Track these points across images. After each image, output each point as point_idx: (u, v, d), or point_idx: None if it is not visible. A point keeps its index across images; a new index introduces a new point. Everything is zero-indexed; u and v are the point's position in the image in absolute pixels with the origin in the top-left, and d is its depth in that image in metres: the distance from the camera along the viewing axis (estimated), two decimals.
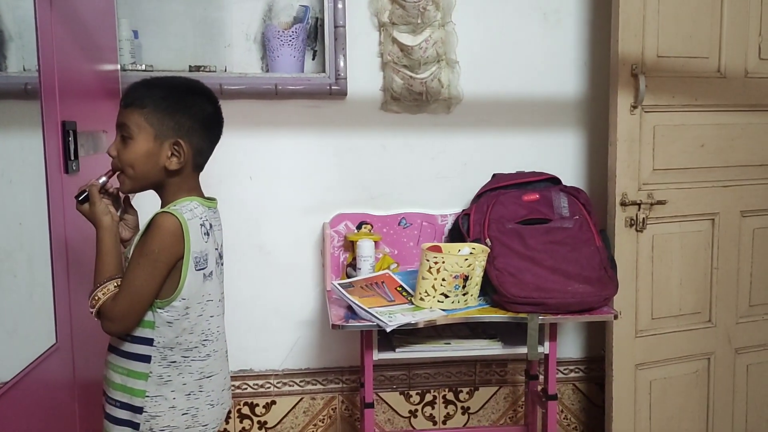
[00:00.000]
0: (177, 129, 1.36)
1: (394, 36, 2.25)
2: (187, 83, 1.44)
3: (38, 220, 1.39)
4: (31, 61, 1.41)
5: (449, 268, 1.90)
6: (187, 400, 1.39)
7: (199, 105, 1.40)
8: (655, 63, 2.17)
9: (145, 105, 1.35)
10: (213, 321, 1.43)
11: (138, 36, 2.20)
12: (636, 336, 2.24)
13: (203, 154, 1.43)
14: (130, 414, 1.37)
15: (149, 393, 1.36)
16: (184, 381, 1.38)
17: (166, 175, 1.38)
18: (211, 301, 1.42)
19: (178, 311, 1.35)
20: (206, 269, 1.38)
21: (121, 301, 1.32)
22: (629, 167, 2.17)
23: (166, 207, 1.36)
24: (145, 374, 1.36)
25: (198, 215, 1.37)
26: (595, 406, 2.55)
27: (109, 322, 1.34)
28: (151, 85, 1.40)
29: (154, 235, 1.31)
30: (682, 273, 2.27)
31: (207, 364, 1.42)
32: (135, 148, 1.35)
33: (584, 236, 2.06)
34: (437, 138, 2.37)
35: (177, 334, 1.36)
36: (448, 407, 2.51)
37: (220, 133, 1.47)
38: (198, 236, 1.35)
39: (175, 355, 1.37)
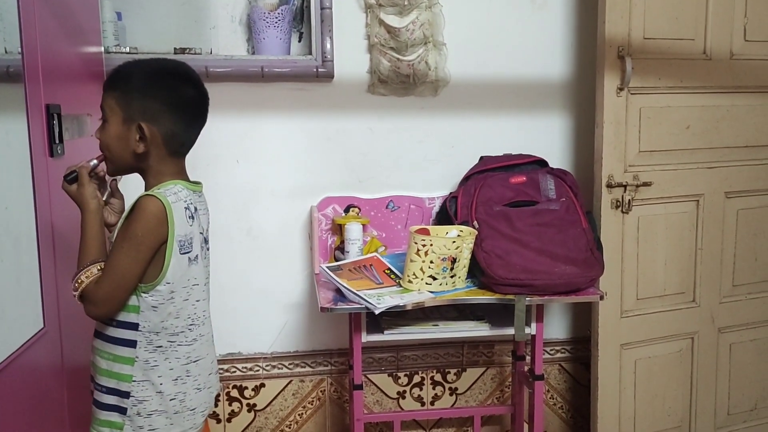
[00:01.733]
0: (143, 112, 1.33)
1: (381, 18, 2.23)
2: (165, 66, 1.41)
3: (24, 204, 1.38)
4: (13, 43, 1.39)
5: (437, 250, 1.91)
6: (174, 385, 1.39)
7: (174, 87, 1.37)
8: (642, 45, 2.17)
9: (117, 87, 1.34)
10: (199, 305, 1.42)
11: (122, 18, 2.17)
12: (621, 316, 2.26)
13: (177, 139, 1.38)
14: (118, 399, 1.37)
15: (136, 378, 1.36)
16: (171, 366, 1.38)
17: (137, 159, 1.37)
18: (197, 285, 1.41)
19: (162, 295, 1.34)
20: (191, 253, 1.38)
21: (104, 285, 1.31)
22: (615, 149, 2.18)
23: (150, 190, 1.35)
24: (131, 359, 1.35)
25: (182, 198, 1.36)
26: (581, 385, 2.58)
27: (91, 306, 1.33)
28: (127, 68, 1.38)
29: (137, 218, 1.30)
30: (667, 254, 2.30)
31: (194, 349, 1.41)
32: (108, 131, 1.35)
33: (571, 218, 2.07)
34: (424, 121, 2.37)
35: (162, 319, 1.36)
36: (436, 388, 2.53)
37: (202, 116, 1.43)
38: (182, 219, 1.34)
39: (161, 339, 1.37)
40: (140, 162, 1.37)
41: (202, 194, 1.46)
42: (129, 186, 1.54)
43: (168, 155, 1.39)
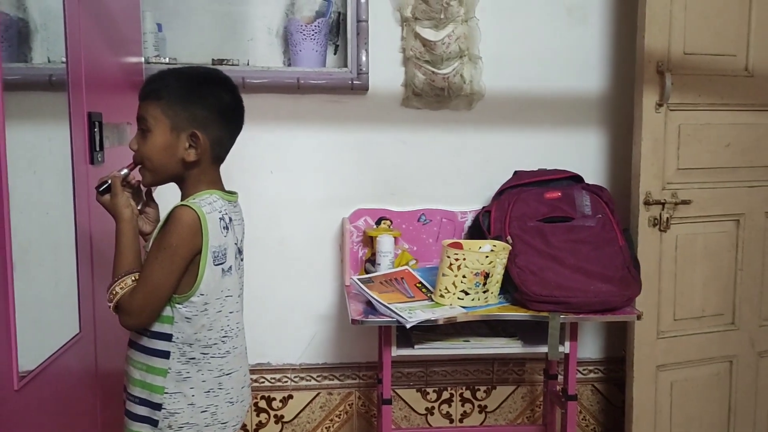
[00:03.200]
0: (192, 120, 1.33)
1: (417, 31, 2.24)
2: (203, 72, 1.42)
3: (64, 210, 1.40)
4: (56, 52, 1.42)
5: (470, 265, 1.89)
6: (206, 398, 1.37)
7: (216, 94, 1.37)
8: (682, 60, 2.14)
9: (161, 96, 1.33)
10: (232, 317, 1.41)
11: (162, 29, 2.20)
12: (658, 337, 2.21)
13: (222, 145, 1.39)
14: (149, 410, 1.36)
15: (168, 389, 1.34)
16: (204, 378, 1.36)
17: (185, 167, 1.36)
18: (230, 297, 1.39)
19: (196, 307, 1.33)
20: (225, 264, 1.36)
21: (138, 296, 1.30)
22: (653, 166, 2.15)
23: (185, 200, 1.34)
24: (164, 370, 1.34)
25: (217, 209, 1.34)
26: (615, 407, 2.53)
27: (126, 316, 1.32)
28: (167, 76, 1.38)
29: (172, 228, 1.29)
30: (705, 274, 2.24)
31: (227, 361, 1.40)
32: (153, 141, 1.33)
33: (607, 235, 2.04)
34: (458, 134, 2.36)
35: (196, 330, 1.34)
36: (465, 405, 2.50)
37: (240, 122, 1.43)
38: (217, 230, 1.33)
39: (195, 351, 1.35)
40: (185, 170, 1.36)
41: (237, 204, 1.45)
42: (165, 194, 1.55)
43: (211, 163, 1.39)
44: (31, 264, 1.24)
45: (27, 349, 1.19)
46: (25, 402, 1.19)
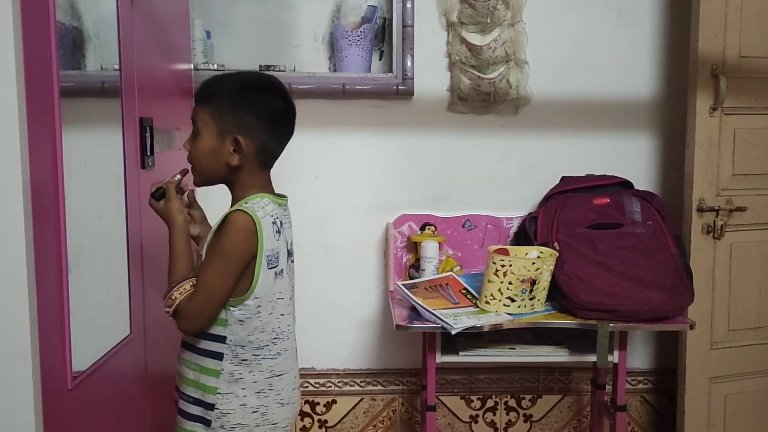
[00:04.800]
0: (238, 125, 1.34)
1: (463, 36, 2.22)
2: (256, 78, 1.43)
3: (116, 214, 1.43)
4: (108, 60, 1.45)
5: (516, 271, 1.86)
6: (257, 398, 1.38)
7: (265, 100, 1.37)
8: (737, 63, 2.08)
9: (211, 101, 1.35)
10: (284, 319, 1.42)
11: (211, 36, 2.24)
12: (711, 348, 2.15)
13: (269, 151, 1.39)
14: (202, 410, 1.37)
15: (221, 390, 1.36)
16: (255, 379, 1.38)
17: (230, 171, 1.37)
18: (282, 299, 1.41)
19: (250, 310, 1.34)
20: (277, 267, 1.37)
21: (197, 300, 1.31)
22: (707, 172, 2.09)
23: (239, 205, 1.35)
24: (216, 371, 1.36)
25: (270, 213, 1.36)
26: (665, 419, 2.46)
27: (184, 321, 1.33)
28: (219, 81, 1.39)
29: (228, 233, 1.30)
30: (762, 283, 2.17)
31: (277, 363, 1.40)
32: (201, 144, 1.35)
33: (658, 242, 1.98)
34: (504, 139, 2.33)
35: (248, 332, 1.36)
36: (509, 414, 2.47)
37: (290, 129, 1.43)
38: (270, 234, 1.34)
39: (247, 353, 1.36)
40: (231, 174, 1.38)
41: (287, 207, 1.46)
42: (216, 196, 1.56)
43: (258, 168, 1.40)
44: (84, 267, 1.27)
45: (80, 349, 1.21)
46: (78, 401, 1.22)
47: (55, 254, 1.14)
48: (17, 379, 1.05)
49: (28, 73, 1.04)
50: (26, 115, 1.04)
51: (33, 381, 1.05)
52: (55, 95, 1.14)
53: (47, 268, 1.10)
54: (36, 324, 1.06)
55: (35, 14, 1.08)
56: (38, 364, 1.06)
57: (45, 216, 1.10)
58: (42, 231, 1.08)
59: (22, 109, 1.03)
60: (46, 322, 1.09)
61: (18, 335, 1.04)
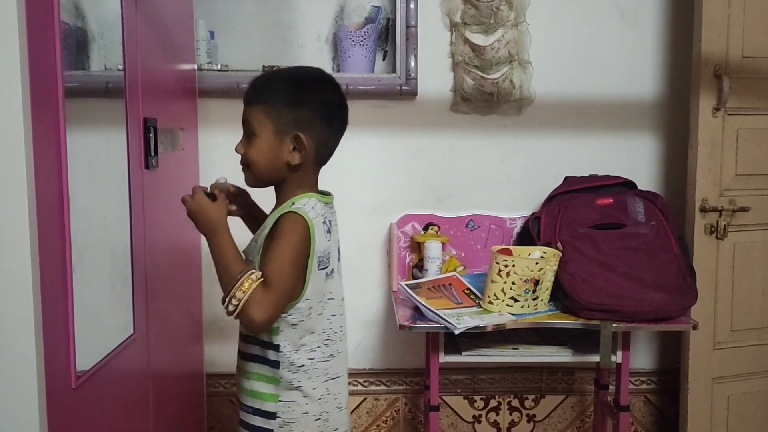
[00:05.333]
0: (296, 122, 1.30)
1: (466, 36, 2.22)
2: (306, 73, 1.39)
3: (120, 213, 1.44)
4: (112, 60, 1.45)
5: (520, 271, 1.86)
6: (318, 405, 1.35)
7: (319, 95, 1.33)
8: (740, 64, 2.08)
9: (264, 100, 1.31)
10: (335, 320, 1.38)
11: (214, 37, 2.25)
12: (714, 348, 2.14)
13: (327, 147, 1.36)
14: (263, 420, 1.35)
15: (282, 398, 1.33)
16: (314, 385, 1.35)
17: (289, 170, 1.33)
18: (332, 300, 1.38)
19: (302, 312, 1.31)
20: (328, 268, 1.35)
21: (272, 289, 1.25)
22: (710, 172, 2.09)
23: (287, 207, 1.31)
24: (276, 379, 1.34)
25: (319, 213, 1.32)
26: (668, 419, 2.45)
27: (260, 310, 1.25)
28: (271, 79, 1.36)
29: (288, 235, 1.27)
30: (765, 284, 2.17)
31: (331, 365, 1.37)
32: (258, 145, 1.31)
33: (661, 243, 1.98)
34: (507, 139, 2.33)
35: (300, 335, 1.33)
36: (513, 414, 2.47)
37: (345, 122, 1.38)
38: (321, 235, 1.31)
39: (302, 358, 1.33)
40: (289, 173, 1.34)
41: (333, 206, 1.42)
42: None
43: (313, 166, 1.36)
44: (88, 267, 1.27)
45: (84, 349, 1.22)
46: (82, 400, 1.22)
47: (59, 254, 1.14)
48: (22, 379, 1.05)
49: (32, 73, 1.05)
50: (30, 115, 1.04)
51: (37, 380, 1.06)
52: (60, 95, 1.14)
53: (51, 268, 1.11)
54: (40, 323, 1.06)
55: (40, 15, 1.09)
56: (42, 363, 1.07)
57: (49, 216, 1.11)
58: (46, 231, 1.09)
59: (26, 109, 1.03)
60: (50, 322, 1.09)
61: (22, 334, 1.05)
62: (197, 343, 2.25)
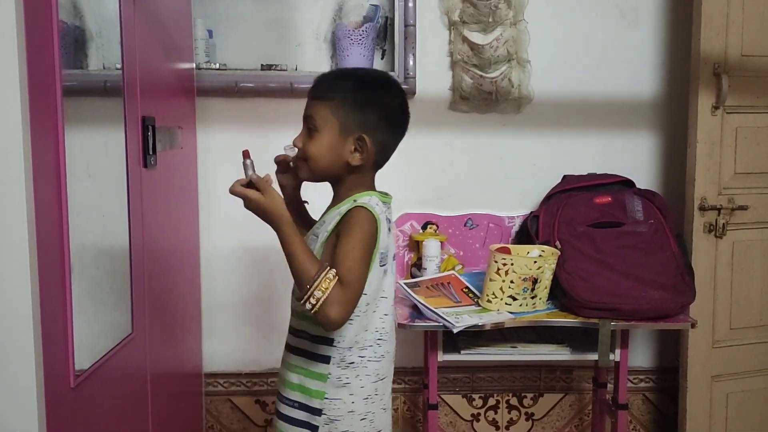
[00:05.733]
0: (362, 124, 1.30)
1: (465, 35, 2.22)
2: (375, 76, 1.41)
3: (119, 212, 1.44)
4: (110, 59, 1.45)
5: (518, 270, 1.86)
6: (365, 404, 1.35)
7: (387, 99, 1.34)
8: (739, 62, 2.08)
9: (333, 98, 1.31)
10: (387, 320, 1.38)
11: (213, 36, 2.24)
12: (713, 346, 2.15)
13: (386, 150, 1.36)
14: (308, 415, 1.34)
15: (328, 395, 1.33)
16: (362, 384, 1.34)
17: (347, 170, 1.33)
18: (385, 298, 1.37)
19: (359, 307, 1.30)
20: (386, 265, 1.35)
21: (349, 287, 1.25)
22: (709, 170, 2.09)
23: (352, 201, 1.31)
24: (324, 375, 1.33)
25: (383, 210, 1.33)
26: (666, 417, 2.46)
27: (339, 309, 1.24)
28: (340, 77, 1.37)
29: (358, 229, 1.27)
30: (763, 282, 2.17)
31: (381, 366, 1.37)
32: (319, 141, 1.31)
33: (659, 241, 1.99)
34: (506, 138, 2.33)
35: (356, 332, 1.32)
36: (511, 412, 2.47)
37: (405, 128, 1.39)
38: (385, 231, 1.32)
39: (353, 355, 1.33)
40: (346, 173, 1.34)
41: (390, 206, 1.42)
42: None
43: (371, 168, 1.37)
44: (87, 265, 1.27)
45: (83, 348, 1.22)
46: (80, 399, 1.22)
47: (58, 253, 1.14)
48: (20, 378, 1.05)
49: (30, 72, 1.05)
50: (29, 114, 1.04)
51: (36, 379, 1.06)
52: (58, 94, 1.14)
53: (50, 267, 1.11)
54: (39, 322, 1.06)
55: (38, 14, 1.09)
56: (41, 362, 1.07)
57: (48, 215, 1.10)
58: (44, 230, 1.09)
59: (24, 108, 1.03)
60: (48, 321, 1.09)
61: (21, 333, 1.05)
62: (196, 342, 2.25)
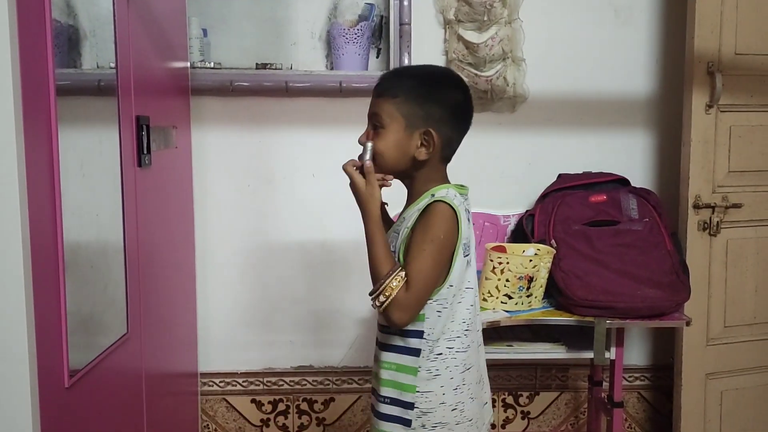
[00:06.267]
0: (427, 118, 1.31)
1: (460, 33, 2.22)
2: (439, 72, 1.42)
3: (113, 212, 1.43)
4: (104, 58, 1.45)
5: (514, 268, 1.87)
6: (454, 395, 1.34)
7: (450, 94, 1.34)
8: (733, 61, 2.08)
9: (397, 95, 1.32)
10: (473, 310, 1.38)
11: (207, 34, 2.24)
12: (707, 344, 2.15)
13: (452, 145, 1.37)
14: (401, 410, 1.34)
15: (420, 388, 1.33)
16: (451, 375, 1.34)
17: (414, 165, 1.34)
18: (470, 289, 1.38)
19: (446, 299, 1.32)
20: (469, 256, 1.36)
21: (414, 290, 1.27)
22: (703, 169, 2.09)
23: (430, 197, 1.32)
24: (414, 369, 1.33)
25: (461, 202, 1.34)
26: (661, 415, 2.46)
27: (402, 312, 1.28)
28: (403, 74, 1.38)
29: (437, 222, 1.28)
30: (757, 280, 2.18)
31: (468, 356, 1.37)
32: (386, 138, 1.32)
33: (655, 239, 1.99)
34: (501, 137, 2.33)
35: (445, 323, 1.33)
36: (507, 411, 2.47)
37: (469, 123, 1.39)
38: (465, 222, 1.33)
39: (441, 347, 1.33)
40: (415, 169, 1.35)
41: (468, 197, 1.42)
42: None
43: (440, 162, 1.37)
44: (81, 265, 1.27)
45: (77, 348, 1.21)
46: (75, 399, 1.22)
47: (52, 253, 1.14)
48: (15, 377, 1.05)
49: (24, 71, 1.04)
50: (22, 113, 1.04)
51: (30, 379, 1.05)
52: (51, 94, 1.14)
53: (44, 267, 1.10)
54: (33, 322, 1.06)
55: (31, 13, 1.08)
56: (35, 362, 1.06)
57: (41, 214, 1.10)
58: (38, 229, 1.08)
59: (18, 108, 1.03)
60: (42, 320, 1.09)
61: (15, 333, 1.04)
62: (191, 341, 2.24)
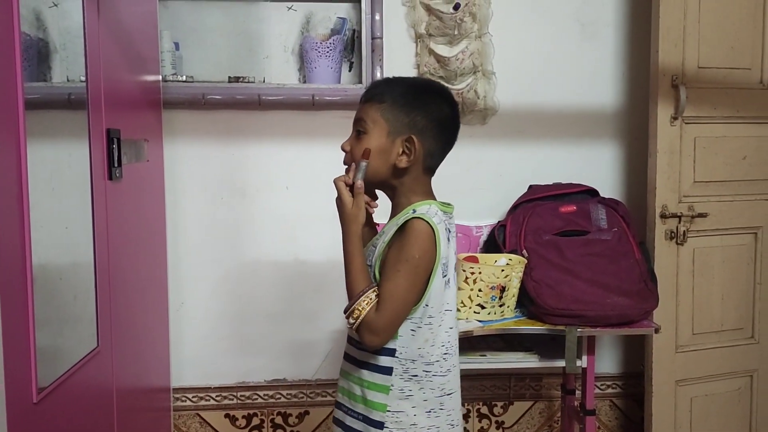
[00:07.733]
0: (411, 126, 1.29)
1: (431, 47, 2.25)
2: (427, 82, 1.41)
3: (83, 225, 1.42)
4: (75, 71, 1.44)
5: (486, 278, 1.89)
6: (428, 418, 1.31)
7: (437, 105, 1.33)
8: (696, 74, 2.14)
9: (384, 100, 1.30)
10: (452, 333, 1.36)
11: (179, 48, 2.24)
12: (676, 351, 2.19)
13: (434, 157, 1.34)
14: (369, 428, 1.31)
15: (390, 408, 1.30)
16: (426, 397, 1.31)
17: (394, 174, 1.32)
18: (450, 311, 1.35)
19: (421, 319, 1.29)
20: (447, 276, 1.33)
21: (386, 312, 1.25)
22: (669, 179, 2.14)
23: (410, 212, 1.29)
24: (386, 387, 1.30)
25: (442, 219, 1.31)
26: (633, 422, 2.49)
27: (373, 335, 1.25)
28: (394, 82, 1.37)
29: (413, 241, 1.25)
30: (724, 287, 2.22)
31: (448, 380, 1.34)
32: (368, 143, 1.30)
33: (623, 248, 2.03)
34: (473, 149, 2.36)
35: (419, 345, 1.30)
36: (482, 421, 2.48)
37: (454, 138, 1.37)
38: (444, 241, 1.30)
39: (417, 368, 1.30)
40: (395, 178, 1.33)
41: (452, 216, 1.39)
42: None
43: (422, 173, 1.34)
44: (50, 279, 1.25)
45: (46, 362, 1.20)
46: (43, 415, 1.20)
47: (20, 266, 1.13)
48: None
49: None
50: None
51: None
52: (20, 107, 1.13)
53: (11, 281, 1.09)
54: None
55: None
56: (2, 377, 1.05)
57: (9, 228, 1.09)
58: (6, 243, 1.07)
59: None
60: (10, 335, 1.07)
61: None
62: (164, 355, 2.22)
